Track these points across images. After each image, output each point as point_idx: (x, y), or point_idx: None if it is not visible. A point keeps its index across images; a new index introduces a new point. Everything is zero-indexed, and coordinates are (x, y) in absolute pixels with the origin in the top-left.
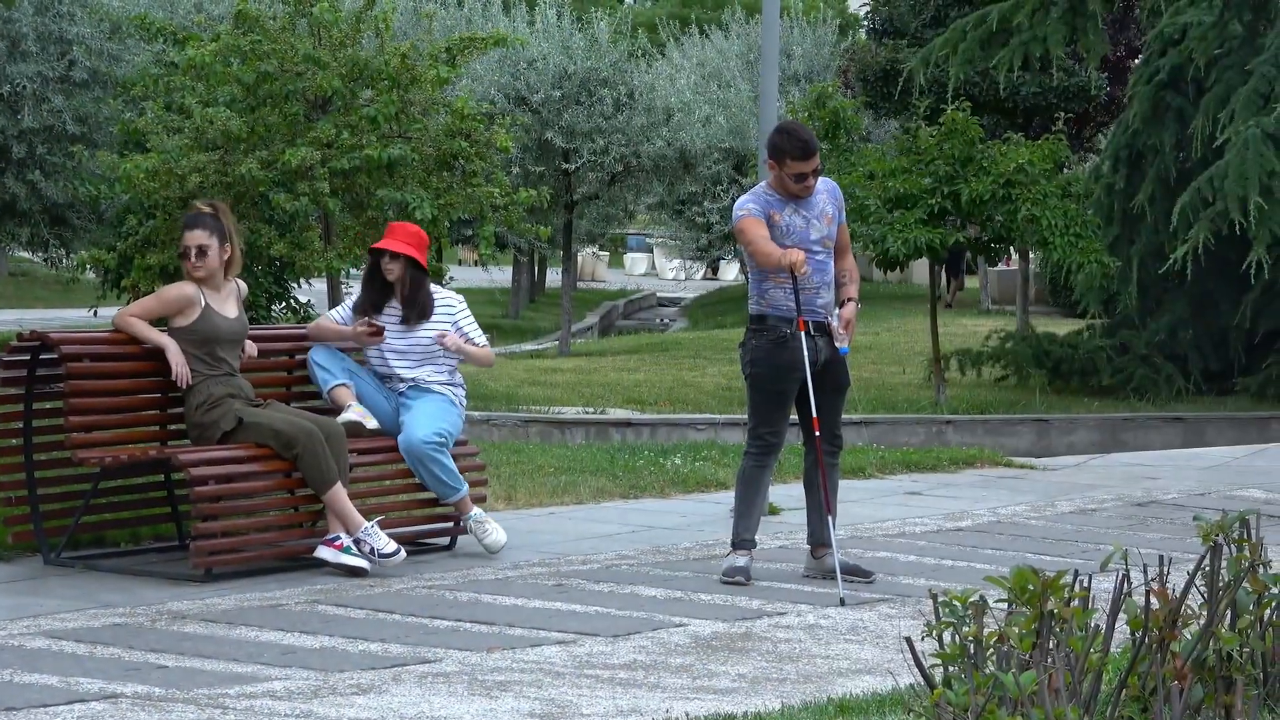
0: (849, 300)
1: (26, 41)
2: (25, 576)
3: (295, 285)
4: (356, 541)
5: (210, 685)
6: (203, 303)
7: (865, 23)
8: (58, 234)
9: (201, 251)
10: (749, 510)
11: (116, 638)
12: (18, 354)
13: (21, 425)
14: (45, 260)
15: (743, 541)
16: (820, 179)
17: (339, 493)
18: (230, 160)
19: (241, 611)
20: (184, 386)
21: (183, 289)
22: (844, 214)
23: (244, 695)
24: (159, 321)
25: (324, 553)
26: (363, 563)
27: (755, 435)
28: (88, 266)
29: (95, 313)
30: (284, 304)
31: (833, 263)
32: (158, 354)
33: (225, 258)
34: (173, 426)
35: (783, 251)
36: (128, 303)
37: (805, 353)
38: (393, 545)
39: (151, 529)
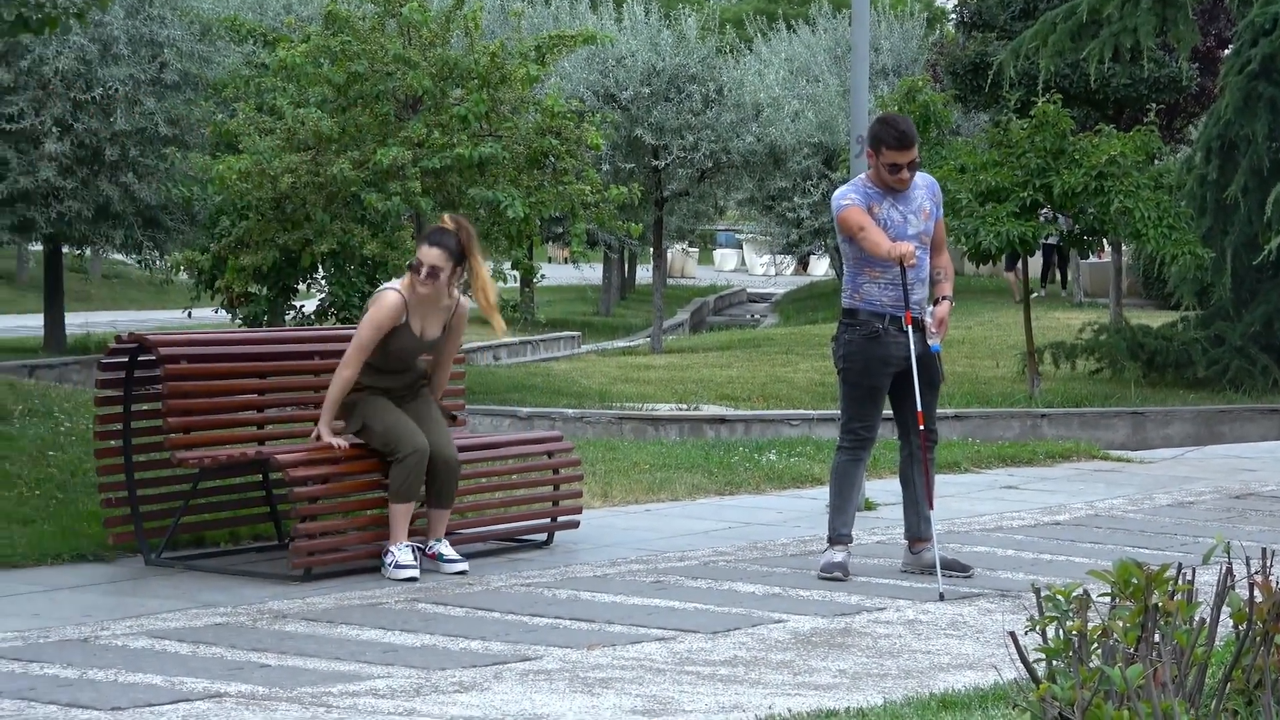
0: (944, 298)
1: (118, 44)
2: (127, 577)
3: None
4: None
5: (313, 684)
6: (403, 319)
7: (953, 16)
8: (151, 236)
9: (434, 273)
10: (844, 505)
11: (219, 637)
12: (116, 356)
13: (121, 427)
14: (139, 262)
15: (839, 536)
16: (920, 174)
17: (405, 510)
18: (322, 160)
19: (342, 610)
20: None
21: (385, 301)
22: (941, 210)
23: (347, 694)
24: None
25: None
26: (413, 571)
27: (848, 430)
28: (181, 268)
29: (189, 314)
30: None
31: (928, 258)
32: (255, 355)
33: (458, 280)
34: (270, 427)
35: (892, 244)
36: (222, 303)
37: (899, 348)
38: (459, 561)
39: (250, 529)
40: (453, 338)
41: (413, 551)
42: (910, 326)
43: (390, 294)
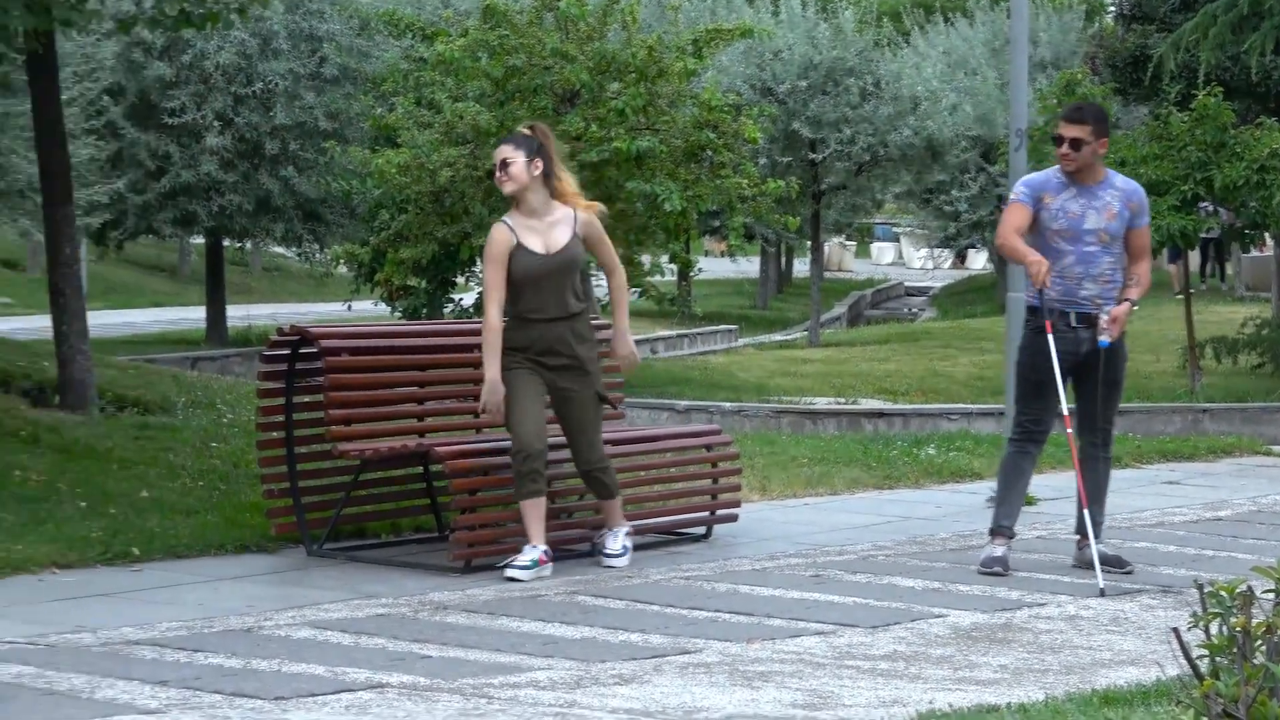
0: (1126, 300)
1: (278, 39)
2: (289, 568)
3: None
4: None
5: (474, 675)
6: (514, 242)
7: (1112, 8)
8: (311, 229)
9: (505, 164)
10: (1008, 497)
11: (380, 628)
12: (279, 349)
13: (283, 419)
14: (299, 255)
15: (1000, 529)
16: (1122, 179)
17: (527, 508)
18: (480, 154)
19: (502, 602)
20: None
21: (493, 236)
22: (1145, 219)
23: (507, 685)
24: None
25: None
26: (518, 574)
27: (1016, 423)
28: (341, 261)
29: (349, 307)
30: None
31: (1109, 258)
32: (415, 348)
33: (536, 172)
34: (430, 419)
35: (1025, 257)
36: (381, 296)
37: (1067, 343)
38: (614, 556)
39: (411, 520)
40: (599, 247)
41: (538, 553)
42: (1082, 323)
43: (494, 228)
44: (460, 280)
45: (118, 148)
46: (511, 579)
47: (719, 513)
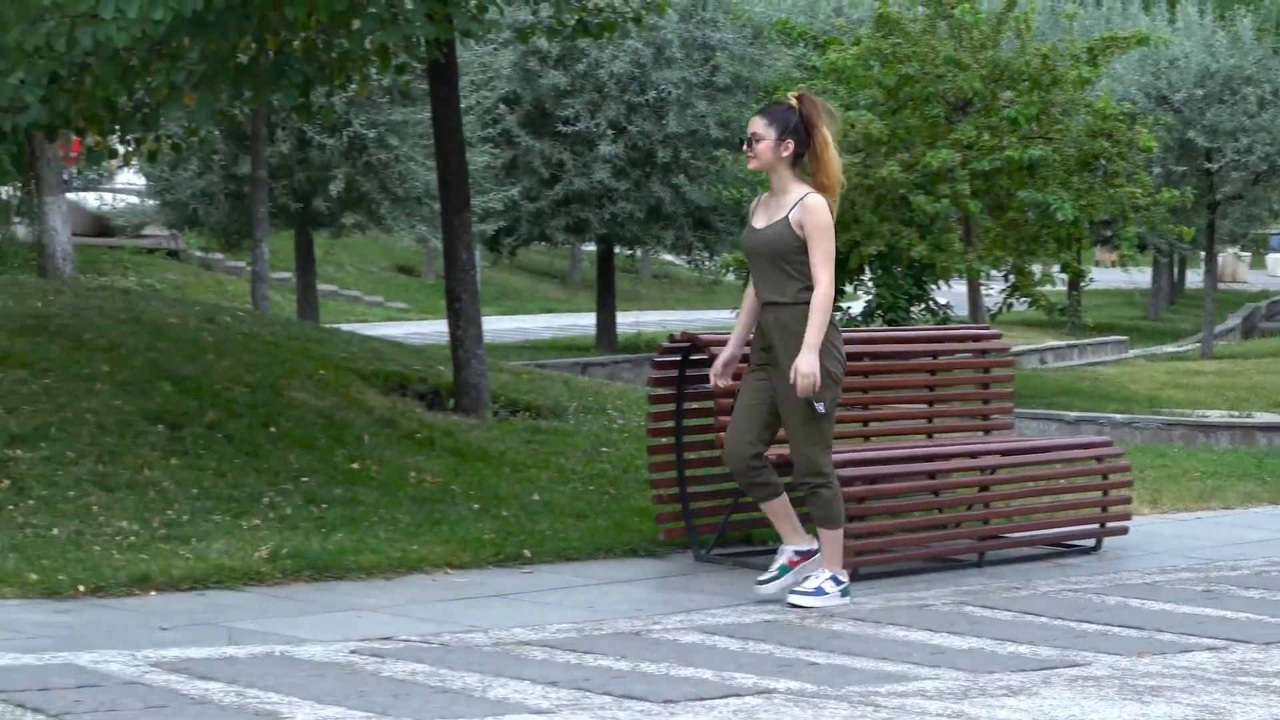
0: None
1: (671, 48)
2: (677, 572)
3: (934, 287)
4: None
5: (861, 683)
6: (751, 219)
7: None
8: (701, 237)
9: (752, 141)
10: None
11: (767, 634)
12: (669, 355)
13: (673, 425)
14: (688, 263)
15: None
16: None
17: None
18: (872, 163)
19: (889, 611)
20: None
21: (751, 209)
22: None
23: (894, 694)
24: None
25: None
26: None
27: None
28: (730, 268)
29: (737, 314)
30: (923, 305)
31: None
32: None
33: (785, 154)
34: None
35: None
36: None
37: None
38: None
39: None
40: (808, 244)
41: (828, 580)
42: None
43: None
44: (849, 289)
45: (512, 155)
46: (794, 605)
47: (1108, 525)
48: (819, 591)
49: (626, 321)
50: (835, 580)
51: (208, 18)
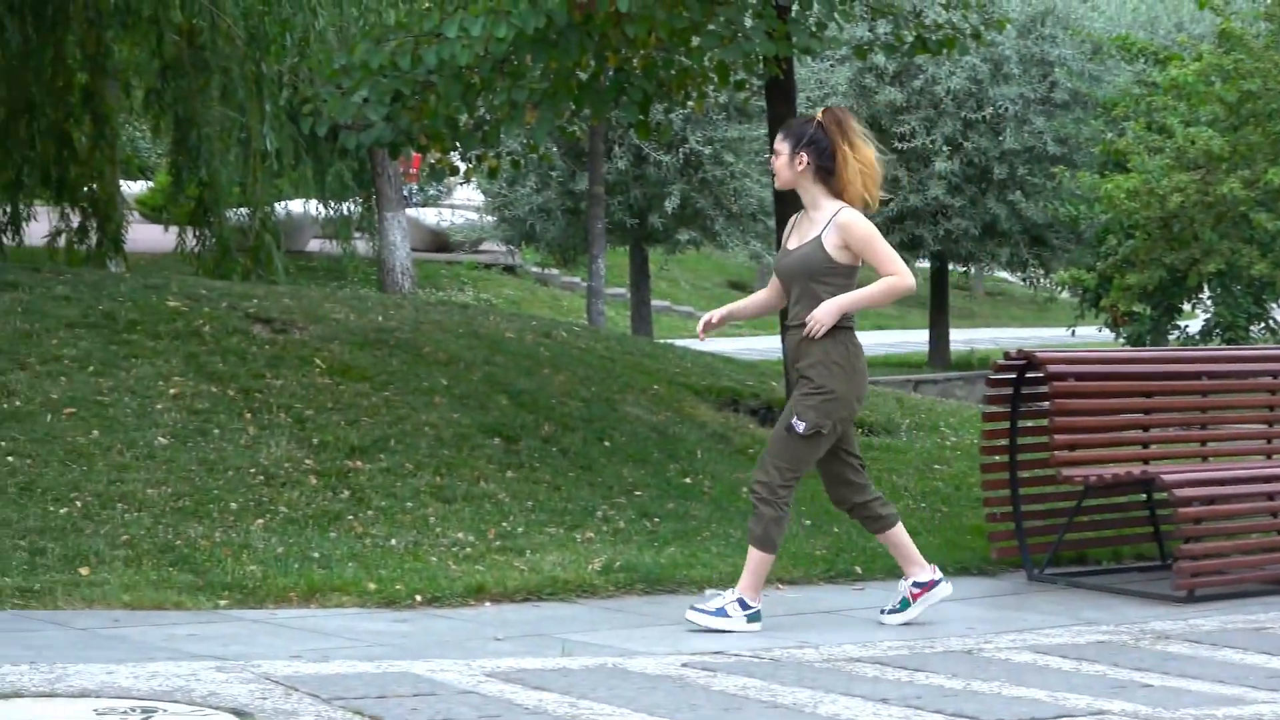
0: None
1: (1009, 64)
2: (1009, 591)
3: (1275, 306)
4: None
5: (1196, 705)
6: (786, 236)
7: None
8: (1036, 254)
9: (771, 158)
10: None
11: (1100, 655)
12: (1005, 373)
13: (1007, 443)
14: (1023, 280)
15: None
16: None
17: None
18: (1211, 180)
19: (1224, 633)
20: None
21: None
22: None
23: (1230, 717)
24: None
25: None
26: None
27: None
28: (1065, 286)
29: (1073, 332)
30: (1263, 324)
31: None
32: (1141, 374)
33: (800, 167)
34: (1155, 447)
35: None
36: (1106, 322)
37: None
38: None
39: (1133, 548)
40: (866, 251)
41: (734, 604)
42: None
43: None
44: (1186, 307)
45: None
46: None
47: None
48: (720, 612)
49: (960, 339)
50: (743, 604)
51: (549, 36)
